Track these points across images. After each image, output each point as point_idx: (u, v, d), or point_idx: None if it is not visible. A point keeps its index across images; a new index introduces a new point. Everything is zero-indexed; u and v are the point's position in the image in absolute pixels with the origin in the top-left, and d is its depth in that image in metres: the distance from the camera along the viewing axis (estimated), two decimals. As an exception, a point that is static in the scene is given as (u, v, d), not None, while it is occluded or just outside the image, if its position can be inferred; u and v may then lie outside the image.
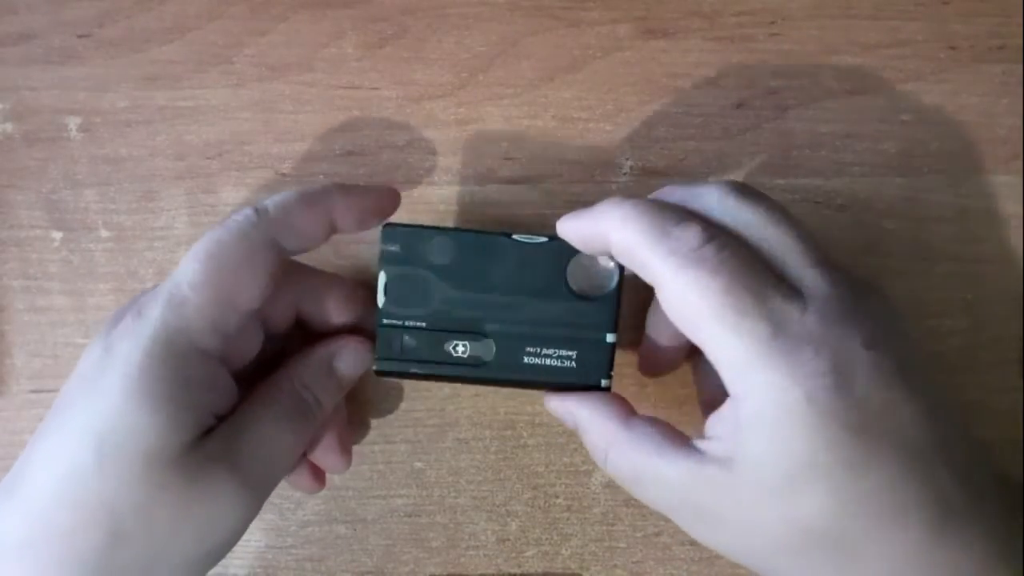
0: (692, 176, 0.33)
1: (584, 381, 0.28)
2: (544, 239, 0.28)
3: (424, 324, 0.28)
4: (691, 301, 0.23)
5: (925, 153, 0.33)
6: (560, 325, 0.28)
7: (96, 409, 0.25)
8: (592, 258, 0.28)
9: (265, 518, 0.34)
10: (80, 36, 0.33)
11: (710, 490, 0.24)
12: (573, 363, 0.28)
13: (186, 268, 0.26)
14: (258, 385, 0.28)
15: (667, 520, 0.26)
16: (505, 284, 0.28)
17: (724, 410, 0.24)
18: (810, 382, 0.22)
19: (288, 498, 0.34)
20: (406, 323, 0.28)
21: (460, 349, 0.28)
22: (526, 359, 0.28)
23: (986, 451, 0.25)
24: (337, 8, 0.33)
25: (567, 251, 0.27)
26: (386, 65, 0.33)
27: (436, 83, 0.33)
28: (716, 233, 0.24)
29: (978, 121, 0.33)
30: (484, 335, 0.28)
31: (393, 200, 0.29)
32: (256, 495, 0.27)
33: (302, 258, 0.29)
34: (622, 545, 0.33)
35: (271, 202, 0.27)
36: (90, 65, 0.33)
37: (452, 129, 0.33)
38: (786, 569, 0.24)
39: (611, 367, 0.28)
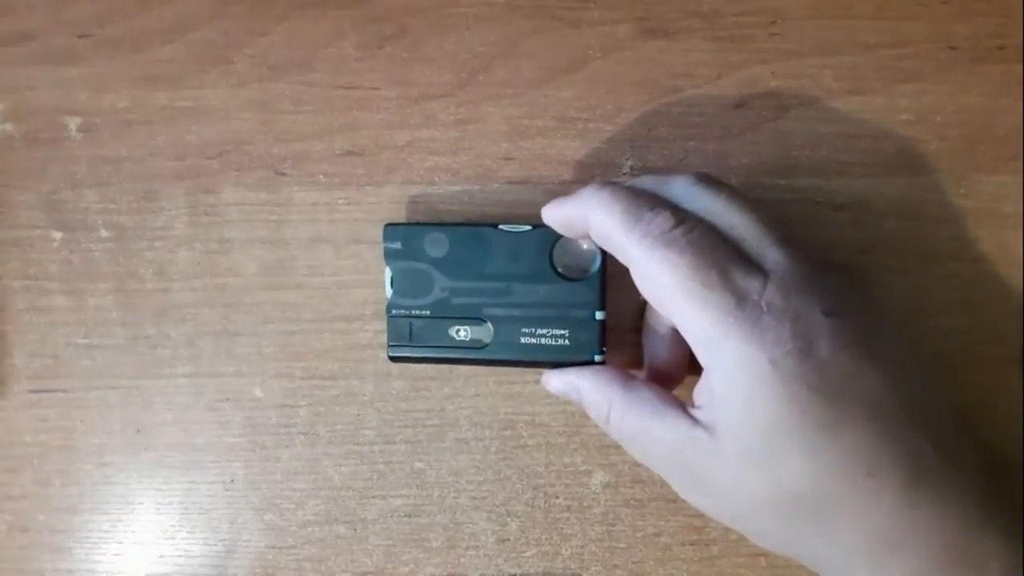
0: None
1: (579, 357, 0.30)
2: (528, 227, 0.30)
3: (428, 312, 0.31)
4: (661, 280, 0.25)
5: (925, 153, 0.33)
6: (551, 306, 0.30)
7: None
8: (574, 242, 0.30)
9: (265, 518, 0.34)
10: (80, 36, 0.33)
11: (700, 454, 0.25)
12: (567, 341, 0.30)
13: None
14: None
15: (667, 520, 0.26)
16: (497, 271, 0.30)
17: (702, 380, 0.26)
18: (773, 348, 0.24)
19: (288, 498, 0.34)
20: (412, 312, 0.31)
21: (462, 333, 0.30)
22: (523, 339, 0.30)
23: (962, 419, 0.26)
24: (337, 8, 0.33)
25: (551, 237, 0.30)
26: (386, 65, 0.33)
27: (436, 83, 0.33)
28: (685, 217, 0.26)
29: (978, 121, 0.33)
30: (483, 320, 0.30)
31: None
32: None
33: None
34: (622, 545, 0.33)
35: None
36: (90, 65, 0.33)
37: (452, 129, 0.33)
38: (771, 531, 0.25)
39: (603, 342, 0.30)
